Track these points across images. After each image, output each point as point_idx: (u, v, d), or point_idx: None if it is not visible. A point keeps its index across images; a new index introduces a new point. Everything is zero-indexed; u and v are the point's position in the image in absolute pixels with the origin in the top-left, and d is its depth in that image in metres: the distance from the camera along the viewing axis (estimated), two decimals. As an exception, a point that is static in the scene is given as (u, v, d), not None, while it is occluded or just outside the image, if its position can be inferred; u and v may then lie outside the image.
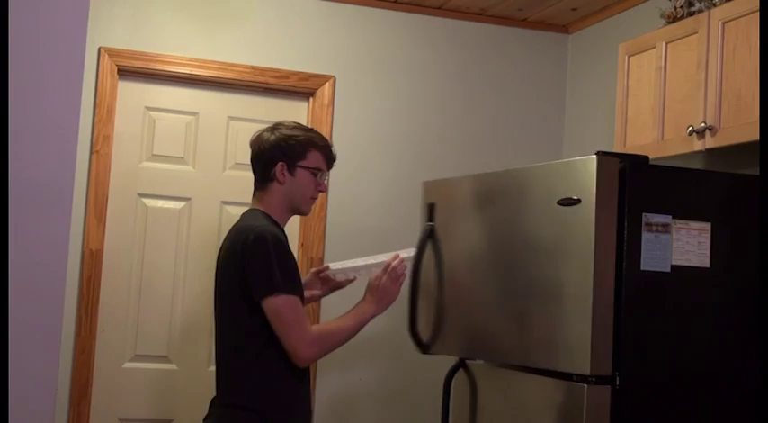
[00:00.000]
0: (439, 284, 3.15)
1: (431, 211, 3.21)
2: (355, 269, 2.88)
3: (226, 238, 2.68)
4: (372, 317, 2.71)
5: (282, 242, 2.55)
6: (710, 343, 2.66)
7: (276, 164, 2.67)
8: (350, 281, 2.95)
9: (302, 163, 2.67)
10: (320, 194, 2.77)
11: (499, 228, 2.99)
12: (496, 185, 3.01)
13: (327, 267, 2.91)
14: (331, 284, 2.97)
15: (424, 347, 3.20)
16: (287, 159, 2.67)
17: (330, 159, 2.72)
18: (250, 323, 2.54)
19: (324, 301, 3.20)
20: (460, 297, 3.15)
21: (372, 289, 2.71)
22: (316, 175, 2.68)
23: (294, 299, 2.54)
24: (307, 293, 2.85)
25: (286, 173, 2.67)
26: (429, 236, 3.19)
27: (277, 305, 2.51)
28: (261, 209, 2.68)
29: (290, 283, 2.53)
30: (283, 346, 2.53)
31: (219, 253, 2.70)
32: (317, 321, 3.82)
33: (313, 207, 3.77)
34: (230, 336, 2.62)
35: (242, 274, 2.54)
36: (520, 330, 2.91)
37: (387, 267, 2.73)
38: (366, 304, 2.69)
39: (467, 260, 3.10)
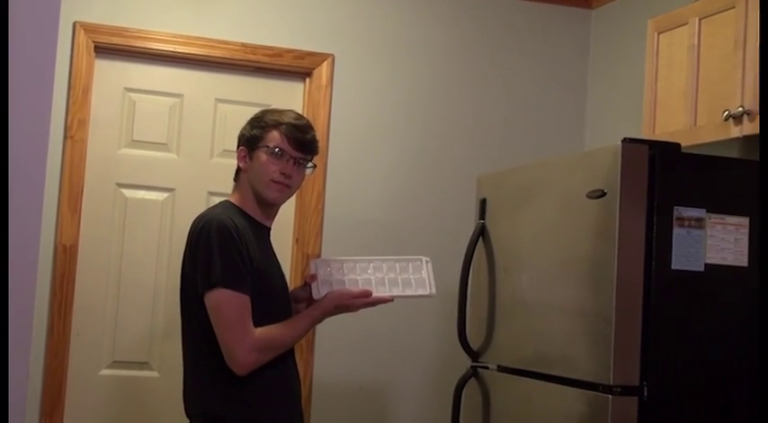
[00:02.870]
0: (490, 287, 3.16)
1: (483, 207, 3.21)
2: (345, 284, 2.76)
3: None
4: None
5: (230, 232, 2.51)
6: (748, 350, 2.64)
7: (238, 150, 2.72)
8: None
9: (260, 144, 2.66)
10: (290, 180, 2.66)
11: (530, 225, 3.01)
12: (538, 179, 3.01)
13: (313, 277, 2.81)
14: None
15: (474, 355, 3.22)
16: (246, 144, 2.70)
17: (293, 139, 2.64)
18: (204, 320, 2.54)
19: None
20: (498, 300, 3.16)
21: (336, 306, 2.66)
22: (274, 156, 2.64)
23: (238, 296, 2.50)
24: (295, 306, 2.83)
25: (247, 158, 2.69)
26: (480, 234, 3.21)
27: (217, 301, 2.49)
28: (231, 200, 2.70)
29: (234, 277, 2.50)
30: (221, 347, 2.51)
31: None
32: (313, 337, 3.81)
33: (311, 199, 3.86)
34: (188, 335, 2.63)
35: (193, 266, 2.55)
36: (540, 335, 2.91)
37: (368, 296, 2.68)
38: (321, 314, 2.67)
39: (504, 261, 3.13)
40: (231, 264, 2.51)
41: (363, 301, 2.67)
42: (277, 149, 2.64)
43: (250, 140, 2.69)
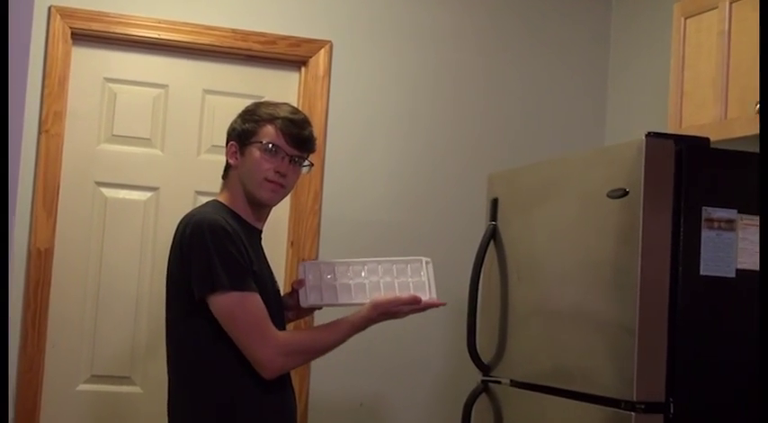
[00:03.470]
0: (502, 294, 3.17)
1: (494, 207, 3.21)
2: (337, 290, 2.78)
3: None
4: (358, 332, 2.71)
5: (225, 231, 2.52)
6: (783, 363, 2.64)
7: (228, 145, 2.72)
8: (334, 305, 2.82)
9: (252, 139, 2.66)
10: (285, 179, 2.65)
11: (545, 227, 3.01)
12: (554, 177, 3.02)
13: (301, 282, 2.83)
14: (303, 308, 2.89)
15: (485, 369, 3.22)
16: (237, 138, 2.70)
17: (289, 135, 2.65)
18: (198, 328, 2.54)
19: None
20: (511, 309, 3.15)
21: (382, 313, 2.67)
22: (268, 152, 2.64)
23: (249, 296, 2.52)
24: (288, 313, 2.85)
25: (238, 154, 2.69)
26: (491, 237, 3.21)
27: (228, 306, 2.50)
28: (220, 200, 2.71)
29: (240, 277, 2.51)
30: (244, 354, 2.52)
31: None
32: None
33: (307, 199, 3.85)
34: (175, 347, 2.63)
35: (184, 271, 2.55)
36: (556, 347, 2.90)
37: (417, 302, 2.68)
38: (363, 321, 2.68)
39: (517, 266, 3.12)
40: (233, 264, 2.51)
41: (413, 307, 2.69)
42: (271, 146, 2.64)
43: (242, 135, 2.69)
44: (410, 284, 2.76)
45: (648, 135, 2.62)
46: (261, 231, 2.75)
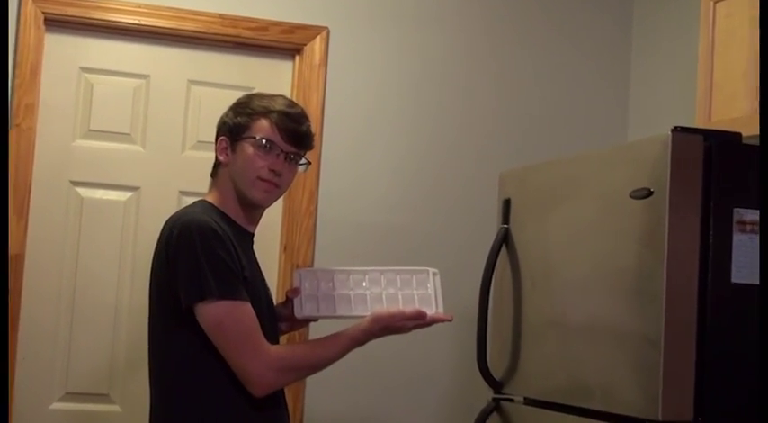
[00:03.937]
0: (515, 304, 3.18)
1: (506, 208, 3.22)
2: (335, 300, 2.78)
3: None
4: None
5: (216, 233, 2.52)
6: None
7: (219, 140, 2.72)
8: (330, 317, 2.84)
9: (245, 134, 2.67)
10: (280, 178, 2.66)
11: (562, 230, 3.01)
12: (571, 176, 3.02)
13: (296, 291, 2.83)
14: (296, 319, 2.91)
15: (496, 385, 3.22)
16: (228, 133, 2.70)
17: (285, 130, 2.66)
18: (184, 340, 2.54)
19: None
20: (524, 320, 3.16)
21: (384, 327, 2.68)
22: (262, 149, 2.65)
23: (240, 306, 2.52)
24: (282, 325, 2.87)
25: (228, 150, 2.69)
26: (503, 241, 3.22)
27: (217, 316, 2.50)
28: (209, 200, 2.71)
29: (229, 285, 2.51)
30: (232, 368, 2.53)
31: None
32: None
33: (302, 199, 3.85)
34: (158, 362, 2.63)
35: (170, 277, 2.55)
36: (574, 361, 2.90)
37: (423, 317, 2.69)
38: (364, 335, 2.68)
39: (532, 272, 3.13)
40: (224, 269, 2.51)
41: (417, 322, 2.70)
42: (265, 141, 2.65)
43: (233, 130, 2.69)
44: (415, 297, 2.76)
45: (675, 130, 2.62)
46: (253, 235, 2.76)
